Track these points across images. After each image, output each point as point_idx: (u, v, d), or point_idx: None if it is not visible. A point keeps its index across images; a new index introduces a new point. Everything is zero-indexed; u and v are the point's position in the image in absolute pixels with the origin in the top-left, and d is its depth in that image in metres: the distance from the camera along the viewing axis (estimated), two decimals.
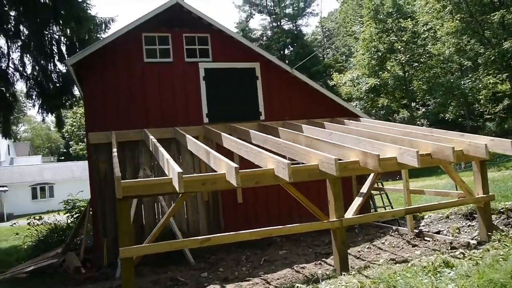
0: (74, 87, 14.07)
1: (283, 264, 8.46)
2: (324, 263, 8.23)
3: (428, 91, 31.12)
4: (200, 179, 5.77)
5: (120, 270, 8.13)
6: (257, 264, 8.69)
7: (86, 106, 10.01)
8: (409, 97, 32.76)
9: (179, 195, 6.47)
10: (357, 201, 7.06)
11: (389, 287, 5.07)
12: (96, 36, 15.14)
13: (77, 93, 14.50)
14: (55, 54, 13.70)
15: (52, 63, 13.89)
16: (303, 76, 11.98)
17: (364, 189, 7.35)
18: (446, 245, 8.60)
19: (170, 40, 10.61)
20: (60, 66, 14.14)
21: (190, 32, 10.83)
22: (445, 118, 32.87)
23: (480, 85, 27.82)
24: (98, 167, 9.59)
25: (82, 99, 12.39)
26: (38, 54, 13.69)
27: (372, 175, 7.39)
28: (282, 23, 55.20)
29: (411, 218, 9.86)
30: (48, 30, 13.51)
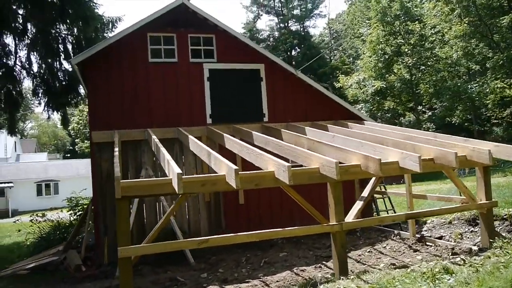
0: (79, 85, 14.13)
1: (283, 267, 8.43)
2: (324, 266, 8.20)
3: (435, 95, 30.92)
4: (200, 180, 5.77)
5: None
6: (257, 266, 8.67)
7: (90, 105, 10.05)
8: (415, 100, 32.58)
9: (179, 196, 6.48)
10: (357, 205, 7.03)
11: None
12: (103, 35, 15.19)
13: (82, 91, 14.56)
14: (61, 53, 13.77)
15: (58, 62, 13.98)
16: (307, 78, 11.95)
17: (365, 193, 7.32)
18: (447, 250, 8.55)
19: (175, 40, 10.63)
20: (66, 64, 14.22)
21: (195, 32, 10.84)
22: (451, 122, 32.64)
23: (487, 89, 27.57)
24: (101, 165, 9.63)
25: (86, 98, 12.44)
26: (45, 53, 13.75)
27: (373, 179, 7.34)
28: (289, 24, 55.17)
29: (413, 222, 9.79)
30: (55, 28, 13.59)
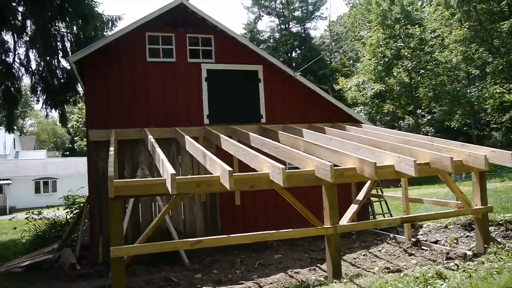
0: (78, 83, 14.11)
1: (277, 269, 8.43)
2: (318, 269, 8.19)
3: (434, 99, 30.92)
4: (194, 181, 5.76)
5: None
6: (251, 268, 8.66)
7: (87, 103, 10.04)
8: (414, 104, 32.59)
9: (174, 196, 6.46)
10: (352, 208, 7.02)
11: None
12: (102, 34, 15.16)
13: (81, 89, 14.54)
14: (60, 51, 13.76)
15: (56, 59, 13.97)
16: (306, 81, 11.94)
17: (360, 196, 7.31)
18: (442, 255, 8.54)
19: (173, 40, 10.62)
20: (64, 62, 14.23)
21: (194, 32, 10.84)
22: (450, 126, 32.64)
23: (486, 94, 27.59)
24: (97, 164, 9.61)
25: (84, 96, 12.43)
26: (44, 50, 13.74)
27: (369, 182, 7.34)
28: (290, 26, 55.21)
29: (409, 226, 9.79)
30: (54, 26, 13.57)
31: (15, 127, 16.30)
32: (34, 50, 14.15)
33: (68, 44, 14.00)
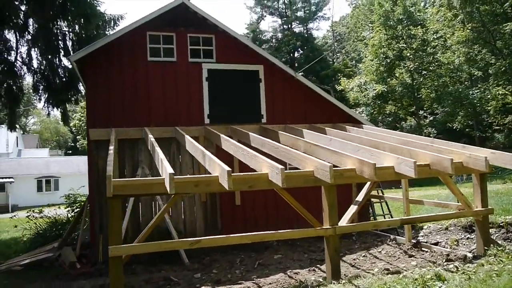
0: (79, 83, 14.15)
1: (277, 269, 8.42)
2: (318, 270, 8.17)
3: (436, 100, 30.85)
4: (193, 181, 5.75)
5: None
6: (250, 268, 8.66)
7: (88, 102, 10.05)
8: (416, 105, 32.52)
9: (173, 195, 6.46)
10: (352, 209, 7.00)
11: None
12: (104, 33, 15.19)
13: (82, 88, 14.58)
14: (61, 49, 13.79)
15: (58, 58, 14.00)
16: (306, 81, 11.93)
17: (359, 197, 7.29)
18: (443, 257, 8.51)
19: (174, 40, 10.62)
20: (66, 61, 14.25)
21: (194, 32, 10.84)
22: (452, 128, 32.57)
23: (489, 95, 27.51)
24: (97, 163, 9.62)
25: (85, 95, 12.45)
26: (45, 49, 13.77)
27: (368, 183, 7.32)
28: (293, 26, 55.19)
29: (409, 228, 9.76)
30: (56, 25, 13.60)
31: (17, 125, 16.33)
32: (36, 49, 14.19)
33: (70, 43, 14.04)
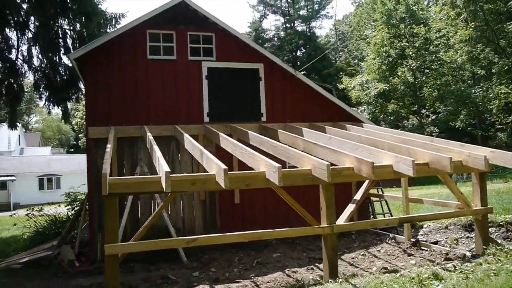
0: (80, 81, 14.15)
1: (275, 267, 8.41)
2: (316, 268, 8.16)
3: (439, 99, 30.72)
4: (190, 179, 5.74)
5: None
6: (249, 266, 8.65)
7: (87, 100, 10.05)
8: (418, 103, 32.39)
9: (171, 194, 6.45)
10: (349, 208, 6.97)
11: None
12: (106, 31, 15.19)
13: (83, 87, 14.58)
14: (61, 47, 13.80)
15: (58, 57, 14.01)
16: (307, 79, 11.89)
17: (357, 196, 7.26)
18: (442, 255, 8.48)
19: (174, 38, 10.61)
20: (67, 60, 14.24)
21: (194, 30, 10.82)
22: (455, 127, 32.43)
23: (491, 94, 27.37)
24: (96, 162, 9.60)
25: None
26: (46, 47, 13.78)
27: (366, 182, 7.29)
28: (295, 25, 55.09)
29: (409, 226, 9.73)
30: (57, 23, 13.61)
31: (18, 123, 16.31)
32: (37, 47, 14.20)
33: (70, 41, 14.05)
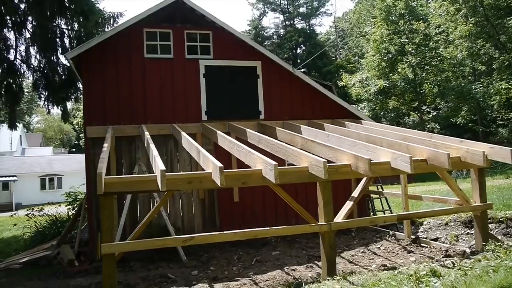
0: (79, 80, 14.15)
1: (274, 265, 8.37)
2: (315, 266, 8.12)
3: (439, 95, 30.63)
4: (185, 178, 5.72)
5: None
6: (248, 264, 8.62)
7: (85, 100, 10.03)
8: (419, 100, 32.29)
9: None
10: (347, 205, 6.94)
11: None
12: (104, 31, 15.18)
13: (81, 86, 14.57)
14: (59, 47, 13.78)
15: (57, 56, 13.99)
16: (305, 77, 11.85)
17: (355, 193, 7.23)
18: (442, 252, 8.44)
19: (171, 36, 10.57)
20: (65, 59, 14.24)
21: (191, 28, 10.78)
22: (456, 123, 32.34)
23: (492, 90, 27.28)
24: (95, 161, 9.56)
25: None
26: (44, 47, 13.77)
27: (364, 179, 7.26)
28: (295, 22, 55.01)
29: (408, 223, 9.69)
30: (54, 23, 13.59)
31: (18, 124, 16.32)
32: (35, 47, 14.19)
33: (68, 41, 14.02)
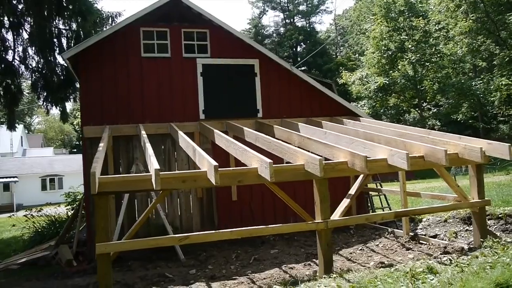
0: (77, 81, 14.15)
1: (273, 264, 8.36)
2: (313, 264, 8.10)
3: (440, 92, 30.53)
4: (180, 177, 5.69)
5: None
6: (246, 263, 8.61)
7: (82, 100, 10.00)
8: (419, 97, 32.19)
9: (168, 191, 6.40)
10: (344, 202, 6.92)
11: None
12: (102, 30, 15.17)
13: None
14: (57, 48, 13.77)
15: (55, 57, 13.98)
16: (303, 75, 11.82)
17: (352, 190, 7.21)
18: (440, 249, 8.42)
19: (168, 35, 10.54)
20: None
21: (189, 27, 10.75)
22: (457, 119, 32.23)
23: (492, 86, 27.17)
24: (92, 161, 9.56)
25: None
26: (43, 47, 13.75)
27: (361, 176, 7.23)
28: (295, 20, 54.92)
29: (407, 220, 9.66)
30: (52, 23, 13.57)
31: (17, 125, 16.31)
32: (33, 48, 14.19)
33: (66, 41, 14.01)
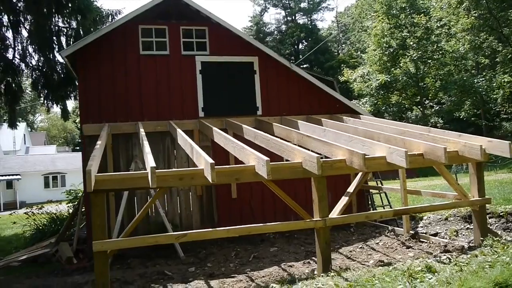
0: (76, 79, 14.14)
1: (272, 262, 8.34)
2: (313, 262, 8.07)
3: (441, 89, 30.37)
4: (177, 174, 5.67)
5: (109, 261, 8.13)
6: (245, 261, 8.59)
7: (81, 98, 9.99)
8: (421, 94, 32.04)
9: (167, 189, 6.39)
10: (342, 200, 6.88)
11: None
12: (102, 28, 15.14)
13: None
14: (56, 46, 13.76)
15: (53, 55, 13.98)
16: (303, 72, 11.76)
17: (350, 188, 7.17)
18: (440, 247, 8.37)
19: (167, 33, 10.51)
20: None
21: (187, 24, 10.72)
22: (459, 117, 32.08)
23: (494, 83, 27.01)
24: None
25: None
26: (42, 45, 13.74)
27: (360, 174, 7.19)
28: (296, 17, 54.77)
29: (407, 218, 9.62)
30: (51, 21, 13.55)
31: (18, 123, 16.30)
32: (33, 46, 14.18)
33: (66, 39, 13.99)
